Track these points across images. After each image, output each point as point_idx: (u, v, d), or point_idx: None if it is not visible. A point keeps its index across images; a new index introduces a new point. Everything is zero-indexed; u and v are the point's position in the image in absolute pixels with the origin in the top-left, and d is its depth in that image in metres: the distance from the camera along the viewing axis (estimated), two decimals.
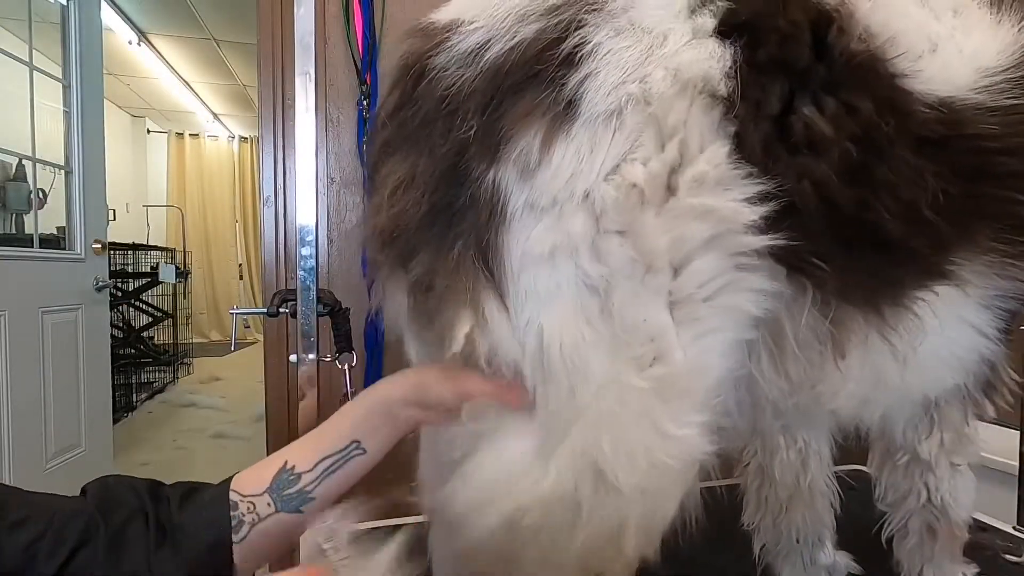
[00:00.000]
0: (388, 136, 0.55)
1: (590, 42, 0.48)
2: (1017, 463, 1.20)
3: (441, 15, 0.55)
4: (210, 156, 7.03)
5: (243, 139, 7.12)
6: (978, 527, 1.02)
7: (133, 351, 4.51)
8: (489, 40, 0.49)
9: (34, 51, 2.36)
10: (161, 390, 4.69)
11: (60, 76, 2.46)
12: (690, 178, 0.48)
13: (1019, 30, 0.59)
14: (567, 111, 0.47)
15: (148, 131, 6.73)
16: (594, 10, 0.49)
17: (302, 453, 0.59)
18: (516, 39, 0.49)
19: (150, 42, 4.51)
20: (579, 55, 0.48)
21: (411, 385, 0.59)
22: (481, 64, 0.49)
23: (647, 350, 0.49)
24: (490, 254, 0.49)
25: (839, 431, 0.78)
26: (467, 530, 0.54)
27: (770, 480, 0.87)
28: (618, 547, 0.52)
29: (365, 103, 1.57)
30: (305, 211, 1.59)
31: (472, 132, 0.48)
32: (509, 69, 0.48)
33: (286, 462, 0.59)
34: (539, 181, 0.48)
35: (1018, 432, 1.18)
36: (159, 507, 0.55)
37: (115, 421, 3.16)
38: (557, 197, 0.48)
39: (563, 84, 0.47)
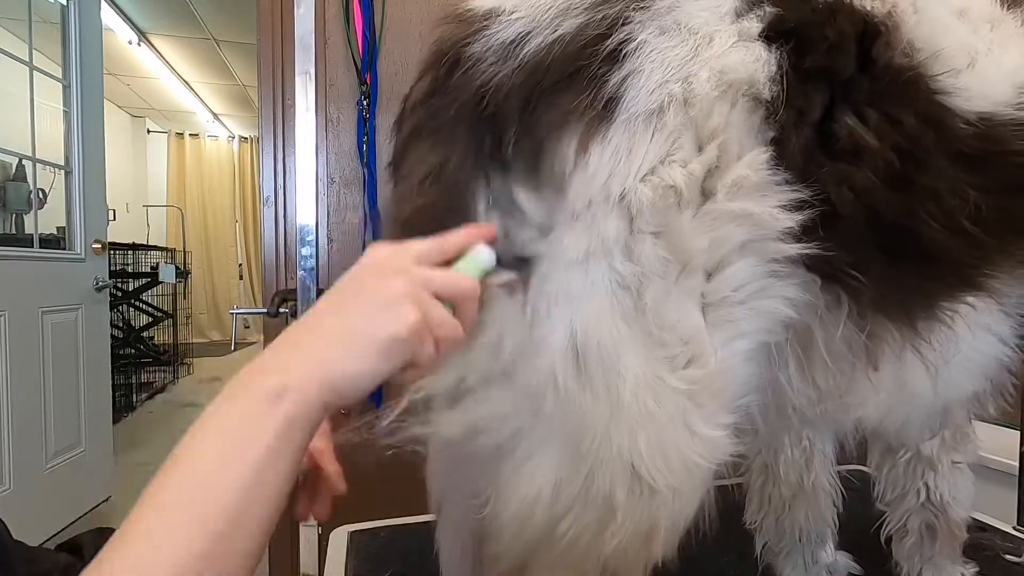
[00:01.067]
0: (418, 123, 0.55)
1: (635, 39, 0.47)
2: (1017, 463, 1.20)
3: (480, 2, 0.53)
4: (210, 156, 7.03)
5: (243, 139, 7.12)
6: (978, 527, 1.02)
7: (133, 351, 4.51)
8: (529, 32, 0.49)
9: (34, 51, 2.37)
10: (161, 390, 4.69)
11: (60, 76, 2.46)
12: (729, 182, 0.48)
13: None
14: (607, 110, 0.47)
15: (148, 131, 6.73)
16: (641, 8, 0.49)
17: None
18: (558, 33, 0.48)
19: (150, 42, 4.51)
20: (624, 52, 0.47)
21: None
22: (520, 58, 0.48)
23: (682, 351, 0.49)
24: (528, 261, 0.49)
25: (847, 432, 0.78)
26: (503, 542, 0.54)
27: (774, 478, 0.87)
28: (648, 549, 0.52)
29: (365, 103, 1.57)
30: (305, 211, 1.59)
31: (510, 135, 0.48)
32: (549, 65, 0.47)
33: None
34: (575, 185, 0.47)
35: (1018, 432, 1.18)
36: None
37: (115, 421, 3.16)
38: (592, 200, 0.47)
39: (605, 82, 0.47)
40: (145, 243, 5.12)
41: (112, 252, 3.79)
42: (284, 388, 0.39)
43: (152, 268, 4.73)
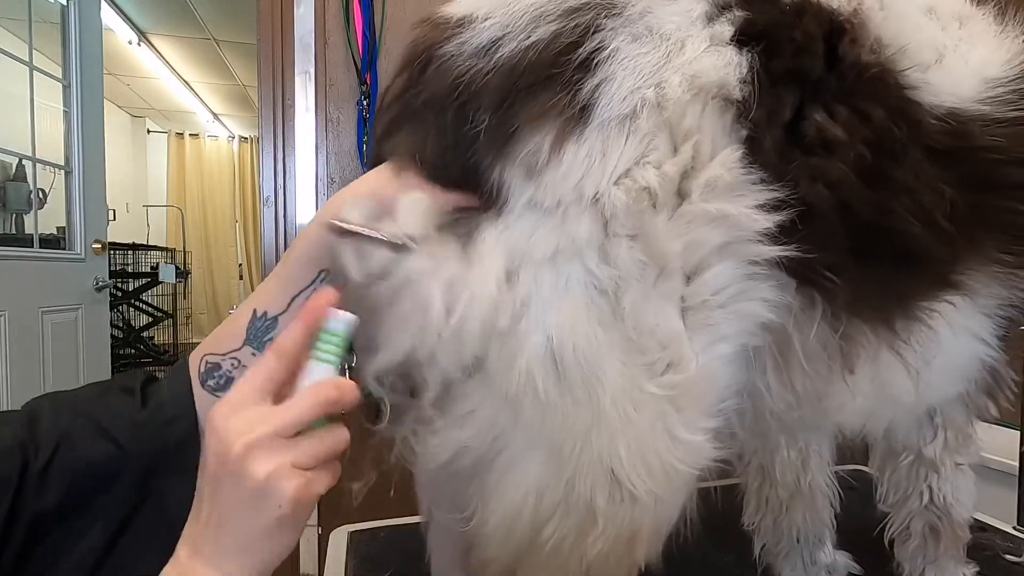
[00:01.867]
0: (394, 116, 0.55)
1: (608, 47, 0.48)
2: (1017, 463, 1.21)
3: (453, 9, 0.54)
4: (210, 156, 7.03)
5: (243, 139, 7.12)
6: (978, 527, 1.02)
7: (133, 351, 4.52)
8: (503, 37, 0.49)
9: (34, 51, 2.37)
10: None
11: (60, 76, 2.46)
12: (703, 182, 0.48)
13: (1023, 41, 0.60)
14: (581, 115, 0.47)
15: (148, 131, 6.73)
16: (613, 15, 0.49)
17: (269, 298, 0.57)
18: (531, 39, 0.48)
19: (150, 42, 4.51)
20: (596, 60, 0.47)
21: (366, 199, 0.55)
22: (494, 61, 0.48)
23: (661, 356, 0.49)
24: (484, 247, 0.49)
25: (836, 435, 0.78)
26: (488, 549, 0.53)
27: (771, 480, 0.87)
28: (630, 554, 0.52)
29: (365, 103, 1.57)
30: (305, 211, 1.59)
31: (483, 126, 0.48)
32: (524, 69, 0.48)
33: (255, 311, 0.56)
34: (546, 181, 0.47)
35: (1018, 432, 1.18)
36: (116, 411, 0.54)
37: None
38: (562, 199, 0.47)
39: (579, 88, 0.47)
40: (145, 243, 5.12)
41: (112, 252, 3.80)
42: None
43: (152, 268, 4.73)
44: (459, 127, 0.49)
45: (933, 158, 0.52)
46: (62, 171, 2.50)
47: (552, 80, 0.47)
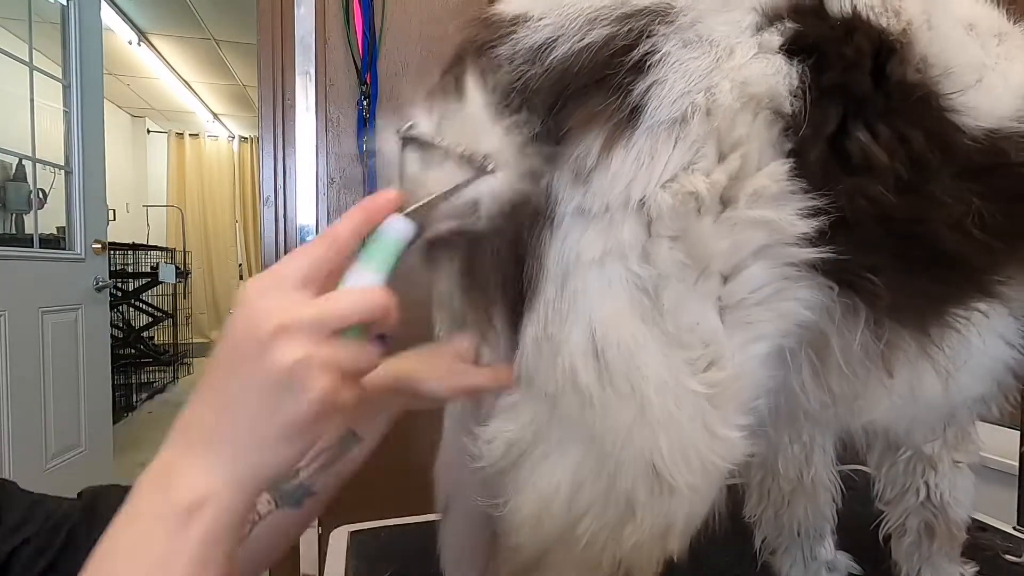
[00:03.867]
0: None
1: (659, 51, 0.49)
2: (1017, 463, 1.21)
3: (507, 7, 0.54)
4: (210, 156, 7.03)
5: (243, 139, 7.12)
6: (978, 527, 1.02)
7: (133, 351, 4.51)
8: (557, 38, 0.50)
9: (34, 51, 2.37)
10: (161, 390, 4.69)
11: (60, 76, 2.46)
12: (750, 191, 0.49)
13: None
14: (631, 117, 0.48)
15: (148, 131, 6.73)
16: (666, 22, 0.50)
17: None
18: (585, 41, 0.49)
19: (150, 42, 4.51)
20: (648, 63, 0.48)
21: (397, 379, 0.55)
22: (547, 63, 0.49)
23: (703, 354, 0.50)
24: (533, 254, 0.50)
25: (853, 433, 0.79)
26: (519, 540, 0.54)
27: (773, 474, 0.88)
28: (663, 546, 0.53)
29: (365, 103, 1.57)
30: (305, 211, 1.59)
31: (535, 131, 0.48)
32: (578, 72, 0.48)
33: None
34: (594, 187, 0.48)
35: (1018, 432, 1.18)
36: None
37: (115, 421, 3.16)
38: (610, 203, 0.48)
39: (630, 90, 0.48)
40: (145, 243, 5.12)
41: (112, 252, 3.80)
42: (198, 502, 0.35)
43: (152, 268, 4.73)
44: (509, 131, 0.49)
45: (973, 173, 0.53)
46: (62, 171, 2.50)
47: (604, 82, 0.48)
